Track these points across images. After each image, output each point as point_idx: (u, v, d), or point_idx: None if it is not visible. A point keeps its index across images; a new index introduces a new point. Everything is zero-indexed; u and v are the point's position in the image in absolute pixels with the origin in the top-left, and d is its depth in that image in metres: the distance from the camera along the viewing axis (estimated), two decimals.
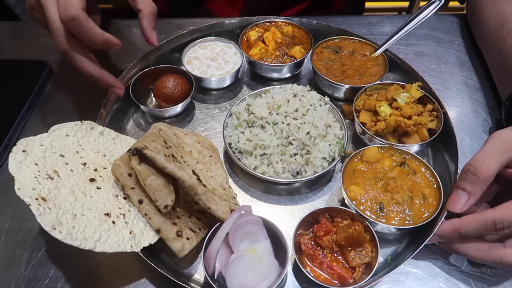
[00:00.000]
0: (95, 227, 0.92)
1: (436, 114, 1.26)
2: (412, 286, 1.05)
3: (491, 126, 1.36)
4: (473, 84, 1.49)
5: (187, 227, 1.05)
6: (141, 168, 0.99)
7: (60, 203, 0.92)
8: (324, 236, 1.04)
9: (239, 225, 0.99)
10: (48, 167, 0.98)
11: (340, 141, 1.22)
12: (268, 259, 1.00)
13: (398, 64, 1.43)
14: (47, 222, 0.85)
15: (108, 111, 1.31)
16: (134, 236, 0.97)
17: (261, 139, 1.18)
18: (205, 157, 1.25)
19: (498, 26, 1.38)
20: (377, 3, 3.17)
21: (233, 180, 1.25)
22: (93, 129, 1.17)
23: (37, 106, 1.43)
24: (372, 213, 1.06)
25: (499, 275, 1.05)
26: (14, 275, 1.06)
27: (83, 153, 1.09)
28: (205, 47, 1.52)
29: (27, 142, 1.01)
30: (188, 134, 1.30)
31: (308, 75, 1.54)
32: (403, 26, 1.44)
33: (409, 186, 1.10)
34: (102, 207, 0.98)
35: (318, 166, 1.17)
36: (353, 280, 1.00)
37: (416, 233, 1.09)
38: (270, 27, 1.52)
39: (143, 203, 1.01)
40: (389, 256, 1.09)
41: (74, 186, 0.99)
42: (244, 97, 1.33)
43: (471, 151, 1.29)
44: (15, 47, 1.65)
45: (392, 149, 1.18)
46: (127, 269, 1.07)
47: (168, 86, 1.34)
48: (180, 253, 1.00)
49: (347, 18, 1.72)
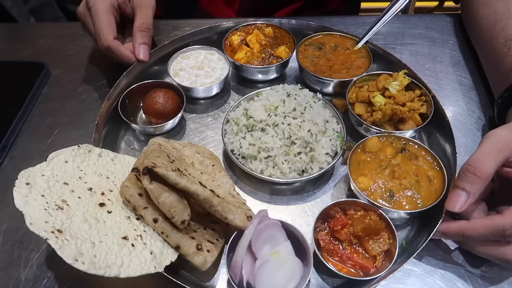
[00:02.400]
0: (116, 253, 0.89)
1: (425, 98, 1.30)
2: (408, 283, 1.05)
3: (485, 124, 1.38)
4: (467, 82, 1.52)
5: (205, 239, 1.03)
6: (153, 187, 0.96)
7: (76, 233, 0.88)
8: (341, 230, 1.06)
9: (260, 230, 0.99)
10: (56, 197, 0.94)
11: (340, 134, 1.24)
12: (292, 260, 1.00)
13: (380, 54, 1.47)
14: (68, 255, 0.81)
15: (101, 134, 1.27)
16: (155, 257, 0.94)
17: (264, 142, 1.18)
18: (208, 167, 1.23)
19: (491, 25, 1.40)
20: (372, 3, 3.20)
21: (239, 186, 1.24)
22: (91, 152, 1.13)
23: (34, 108, 1.42)
24: (384, 201, 1.09)
25: (494, 271, 1.06)
26: (13, 275, 1.05)
27: (86, 178, 1.05)
28: (187, 57, 1.50)
29: (27, 174, 0.96)
30: (187, 145, 1.28)
31: (293, 74, 1.55)
32: (382, 17, 1.48)
33: (413, 170, 1.14)
34: (117, 231, 0.95)
35: (323, 162, 1.19)
36: (375, 268, 1.02)
37: (426, 215, 1.12)
38: (251, 30, 1.52)
39: (158, 221, 0.99)
40: (404, 241, 1.11)
41: (86, 213, 0.95)
42: (238, 102, 1.33)
43: (466, 149, 1.31)
44: (11, 48, 1.64)
45: (391, 136, 1.21)
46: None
47: (159, 101, 1.31)
48: (203, 267, 0.98)
49: (343, 18, 1.73)
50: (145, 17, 1.37)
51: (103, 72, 1.53)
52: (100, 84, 1.49)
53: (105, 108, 1.29)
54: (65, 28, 1.76)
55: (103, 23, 1.31)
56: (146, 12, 1.38)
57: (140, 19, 1.37)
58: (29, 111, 1.41)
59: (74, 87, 1.49)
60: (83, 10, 1.37)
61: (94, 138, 1.21)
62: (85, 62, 1.58)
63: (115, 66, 1.43)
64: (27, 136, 1.35)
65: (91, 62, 1.58)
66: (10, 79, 1.50)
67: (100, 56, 1.52)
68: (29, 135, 1.35)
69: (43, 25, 1.95)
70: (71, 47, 1.63)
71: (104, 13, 1.31)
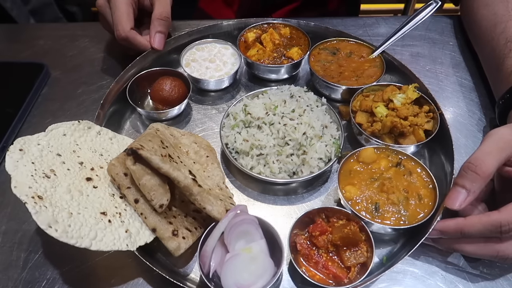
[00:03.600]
0: (91, 226, 0.93)
1: (433, 115, 1.26)
2: (409, 285, 1.05)
3: (486, 125, 1.37)
4: (468, 84, 1.50)
5: (183, 226, 1.05)
6: (135, 168, 0.99)
7: (56, 202, 0.92)
8: (319, 236, 1.04)
9: (234, 224, 1.00)
10: (45, 166, 0.99)
11: (337, 141, 1.23)
12: (264, 258, 1.00)
13: (395, 66, 1.43)
14: (43, 220, 0.86)
15: (105, 113, 1.31)
16: (130, 235, 0.97)
17: (257, 139, 1.19)
18: (202, 158, 1.25)
19: (491, 26, 1.39)
20: (372, 5, 3.16)
21: (230, 180, 1.25)
22: (90, 129, 1.18)
23: (33, 108, 1.44)
24: (367, 213, 1.06)
25: (496, 274, 1.05)
26: (11, 277, 1.06)
27: (80, 152, 1.10)
28: (202, 49, 1.53)
29: (24, 141, 1.02)
30: (185, 134, 1.30)
31: (305, 77, 1.54)
32: (401, 28, 1.45)
33: (404, 186, 1.11)
34: (98, 206, 0.99)
35: (314, 167, 1.18)
36: (348, 280, 1.00)
37: (411, 234, 1.09)
38: (268, 28, 1.53)
39: (139, 202, 1.02)
40: (385, 256, 1.09)
41: (71, 185, 0.99)
42: (240, 98, 1.34)
43: (467, 150, 1.29)
44: (11, 49, 1.66)
45: (388, 149, 1.18)
46: (124, 270, 1.07)
47: (165, 88, 1.35)
48: (176, 252, 1.00)
49: (343, 20, 1.72)
50: (164, 6, 1.41)
51: (103, 73, 1.55)
52: (100, 85, 1.51)
53: (114, 90, 1.34)
54: (65, 29, 1.77)
55: (121, 13, 1.34)
56: (165, 2, 1.42)
57: (160, 8, 1.41)
58: (28, 112, 1.41)
59: (73, 88, 1.49)
60: (103, 2, 1.42)
61: (98, 114, 1.25)
62: (85, 63, 1.59)
63: (115, 67, 1.46)
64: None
65: (90, 63, 1.59)
66: (10, 79, 1.51)
67: (100, 57, 1.58)
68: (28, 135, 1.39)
69: (43, 26, 1.97)
70: (71, 48, 1.65)
71: (123, 4, 1.35)
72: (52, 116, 1.42)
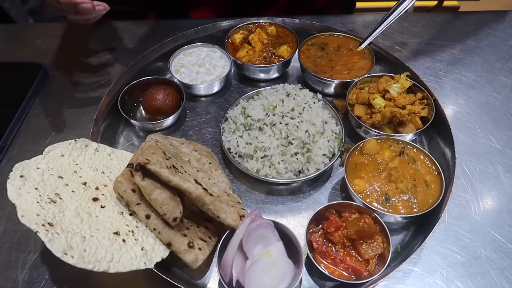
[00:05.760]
0: (106, 248, 0.89)
1: (427, 102, 1.29)
2: (409, 283, 1.05)
3: (484, 122, 1.38)
4: (467, 81, 1.51)
5: (197, 237, 1.03)
6: (145, 183, 0.96)
7: (67, 227, 0.88)
8: (335, 232, 1.05)
9: (251, 230, 0.98)
10: (49, 191, 0.95)
11: (338, 136, 1.23)
12: (283, 261, 0.99)
13: (384, 56, 1.45)
14: (58, 248, 0.82)
15: (99, 128, 1.27)
16: (146, 253, 0.95)
17: (260, 141, 1.18)
18: (205, 165, 1.23)
19: None
20: (368, 3, 3.13)
21: (235, 185, 1.24)
22: (87, 147, 1.13)
23: (32, 109, 1.42)
24: (379, 205, 1.07)
25: (495, 272, 1.06)
26: (10, 277, 1.05)
27: (81, 172, 1.06)
28: (189, 54, 1.50)
29: (22, 166, 0.97)
30: (184, 143, 1.28)
31: (295, 74, 1.54)
32: (385, 19, 1.46)
33: (411, 174, 1.12)
34: (109, 226, 0.95)
35: (319, 163, 1.18)
36: (368, 272, 1.01)
37: (422, 220, 1.11)
38: (254, 28, 1.52)
39: (150, 218, 0.99)
40: (399, 245, 1.10)
41: (78, 207, 0.95)
42: (237, 101, 1.32)
43: (466, 148, 1.30)
44: (10, 49, 1.64)
45: (389, 139, 1.20)
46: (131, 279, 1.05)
47: (158, 98, 1.32)
48: (194, 264, 0.98)
49: (342, 17, 1.73)
50: None
51: (101, 74, 1.53)
52: (98, 86, 1.49)
53: (105, 103, 1.30)
54: (63, 29, 1.75)
55: None
56: None
57: None
58: (27, 112, 1.40)
59: (72, 89, 1.48)
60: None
61: (92, 131, 1.21)
62: (83, 64, 1.57)
63: (114, 68, 1.43)
64: (25, 137, 1.35)
65: (89, 63, 1.57)
66: (8, 80, 1.49)
67: (99, 56, 1.55)
68: (27, 136, 1.35)
69: (42, 26, 1.95)
70: (70, 48, 1.63)
71: None
72: (51, 116, 1.40)
